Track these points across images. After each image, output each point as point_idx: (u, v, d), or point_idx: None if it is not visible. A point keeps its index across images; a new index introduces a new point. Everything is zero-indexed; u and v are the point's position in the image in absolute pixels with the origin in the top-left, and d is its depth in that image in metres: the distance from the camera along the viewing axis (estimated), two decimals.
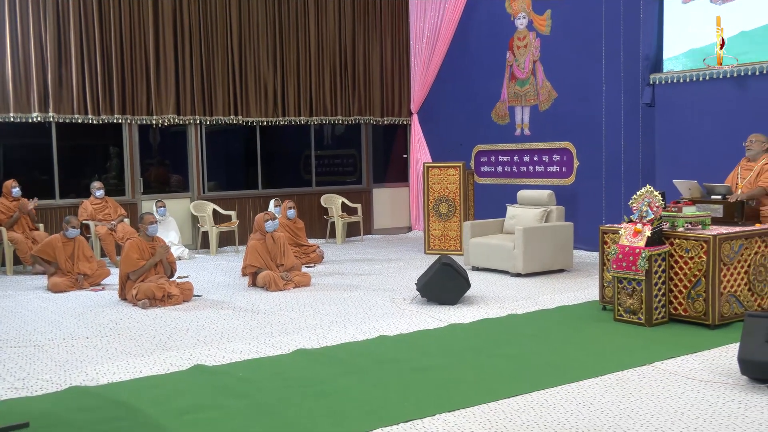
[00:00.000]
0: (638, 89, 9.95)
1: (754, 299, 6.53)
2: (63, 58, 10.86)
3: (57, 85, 10.80)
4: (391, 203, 14.19)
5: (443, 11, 12.94)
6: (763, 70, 8.56)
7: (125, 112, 11.34)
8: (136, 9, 11.33)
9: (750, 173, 7.34)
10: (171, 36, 11.63)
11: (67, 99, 10.90)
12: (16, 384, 5.07)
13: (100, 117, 11.12)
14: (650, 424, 4.11)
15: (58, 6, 10.79)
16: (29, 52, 10.60)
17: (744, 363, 4.76)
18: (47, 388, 4.98)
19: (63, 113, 10.87)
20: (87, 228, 10.49)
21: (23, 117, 10.58)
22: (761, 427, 4.05)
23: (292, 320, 6.92)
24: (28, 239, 9.91)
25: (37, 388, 4.98)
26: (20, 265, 10.14)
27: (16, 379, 5.20)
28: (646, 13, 9.73)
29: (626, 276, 6.43)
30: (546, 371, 5.14)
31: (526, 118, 11.83)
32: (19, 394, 4.87)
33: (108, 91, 11.18)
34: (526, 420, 4.21)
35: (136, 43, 11.37)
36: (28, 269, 10.02)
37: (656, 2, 9.67)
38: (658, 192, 6.51)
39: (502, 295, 7.95)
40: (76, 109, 10.95)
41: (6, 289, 8.90)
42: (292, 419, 4.31)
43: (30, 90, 10.64)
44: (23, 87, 10.60)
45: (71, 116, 10.93)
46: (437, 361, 5.44)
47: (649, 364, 5.27)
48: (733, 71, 8.77)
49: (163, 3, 11.53)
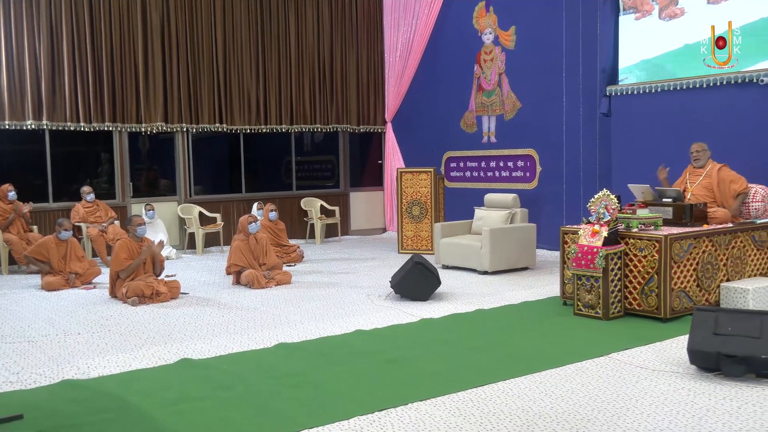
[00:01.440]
0: (596, 100, 10.02)
1: (702, 294, 6.60)
2: (56, 69, 10.76)
3: (50, 94, 10.70)
4: (367, 206, 14.18)
5: (415, 27, 12.98)
6: (703, 84, 8.68)
7: (115, 120, 11.26)
8: (125, 22, 11.25)
9: (699, 178, 7.42)
10: (159, 48, 11.56)
11: (59, 107, 10.80)
12: (11, 378, 5.00)
13: (91, 125, 11.02)
14: (607, 411, 4.14)
15: (52, 19, 10.69)
16: (24, 62, 10.50)
17: (693, 353, 4.80)
18: (41, 381, 4.92)
19: (56, 121, 10.77)
20: (79, 229, 10.43)
21: (18, 125, 10.49)
22: (708, 412, 4.10)
23: (273, 316, 6.90)
24: (22, 240, 9.83)
25: (31, 381, 4.92)
26: (15, 264, 10.03)
27: (11, 373, 5.13)
28: (602, 29, 9.82)
29: (585, 273, 6.47)
30: (511, 362, 5.16)
31: (492, 126, 11.88)
32: (14, 387, 4.81)
33: (99, 100, 11.09)
34: (493, 407, 4.22)
35: (126, 55, 11.29)
36: (23, 269, 9.90)
37: (612, 19, 9.75)
38: (614, 195, 6.55)
39: (470, 291, 7.97)
40: (69, 117, 10.85)
41: (1, 287, 8.78)
42: (273, 409, 4.29)
43: (24, 99, 10.54)
44: (18, 96, 10.50)
45: (64, 124, 10.83)
46: (410, 353, 5.44)
47: (606, 355, 5.31)
48: (681, 84, 8.87)
49: (152, 17, 11.47)
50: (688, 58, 8.76)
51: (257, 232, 8.86)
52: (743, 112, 8.34)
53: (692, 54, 8.71)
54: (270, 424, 4.02)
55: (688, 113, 8.87)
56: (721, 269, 6.74)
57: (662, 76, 9.17)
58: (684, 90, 8.91)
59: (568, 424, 3.95)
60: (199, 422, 4.08)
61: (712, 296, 6.68)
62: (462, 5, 12.22)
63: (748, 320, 4.73)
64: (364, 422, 4.02)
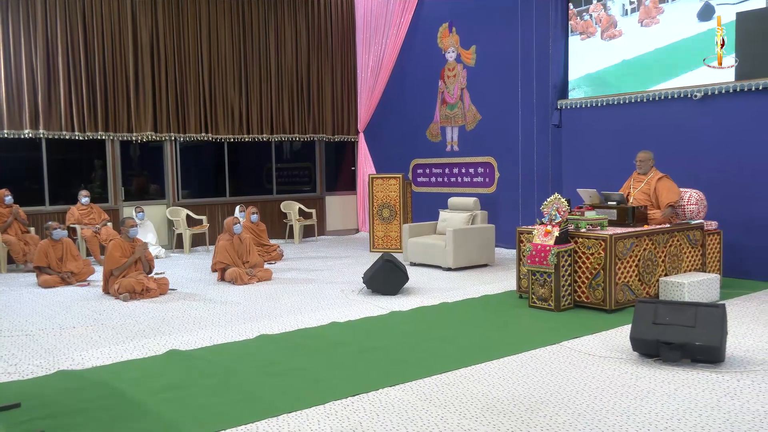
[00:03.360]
0: (548, 113, 10.12)
1: (643, 288, 6.68)
2: (52, 82, 10.59)
3: (47, 105, 10.53)
4: (341, 208, 14.15)
5: (385, 45, 12.99)
6: (643, 99, 8.82)
7: (108, 130, 11.11)
8: (117, 39, 11.11)
9: (641, 184, 7.50)
10: (148, 62, 11.44)
11: (55, 118, 10.62)
12: (9, 369, 4.90)
13: (85, 134, 10.86)
14: (559, 394, 4.18)
15: (48, 35, 10.52)
16: (21, 76, 10.32)
17: (635, 341, 4.86)
18: (37, 372, 4.82)
19: (52, 130, 10.59)
20: (74, 231, 10.28)
21: (16, 133, 10.31)
22: (649, 394, 4.15)
23: (255, 310, 6.84)
24: (20, 241, 9.71)
25: (28, 372, 4.82)
26: (13, 263, 9.84)
27: (9, 364, 5.02)
28: (553, 49, 9.92)
29: (539, 269, 6.52)
30: (472, 350, 5.18)
31: (455, 136, 11.93)
32: (12, 378, 4.71)
33: (93, 111, 10.94)
34: (456, 392, 4.24)
35: (118, 69, 11.14)
36: (21, 267, 9.71)
37: (562, 40, 9.85)
38: (564, 199, 6.61)
39: (435, 286, 7.99)
40: (64, 127, 10.68)
41: (0, 285, 8.60)
42: (254, 395, 4.25)
43: (22, 109, 10.36)
44: (16, 107, 10.32)
45: (59, 133, 10.65)
46: (380, 343, 5.44)
47: (558, 343, 5.35)
48: (623, 99, 9.00)
49: (142, 34, 11.34)
50: (625, 71, 9.04)
51: (241, 232, 8.82)
52: (678, 123, 8.48)
53: (629, 67, 8.98)
54: (252, 409, 3.99)
55: (629, 125, 8.99)
56: (660, 265, 6.83)
57: (604, 87, 9.34)
58: (626, 104, 9.04)
59: (523, 406, 3.97)
60: (186, 408, 4.03)
61: (652, 289, 6.76)
62: (427, 26, 12.26)
63: (684, 311, 4.80)
64: (339, 406, 4.00)
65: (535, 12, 10.19)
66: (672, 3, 8.43)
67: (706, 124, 8.22)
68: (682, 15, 8.29)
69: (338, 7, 13.75)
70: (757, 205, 7.78)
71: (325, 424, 3.74)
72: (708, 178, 8.00)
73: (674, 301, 4.97)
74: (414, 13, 12.46)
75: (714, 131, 8.16)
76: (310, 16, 13.36)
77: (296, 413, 3.91)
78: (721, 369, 4.60)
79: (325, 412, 3.93)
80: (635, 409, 3.89)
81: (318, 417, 3.85)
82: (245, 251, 8.73)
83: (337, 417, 3.85)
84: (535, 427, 3.65)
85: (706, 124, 8.23)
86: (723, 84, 8.00)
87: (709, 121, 8.20)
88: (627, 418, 3.75)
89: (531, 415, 3.82)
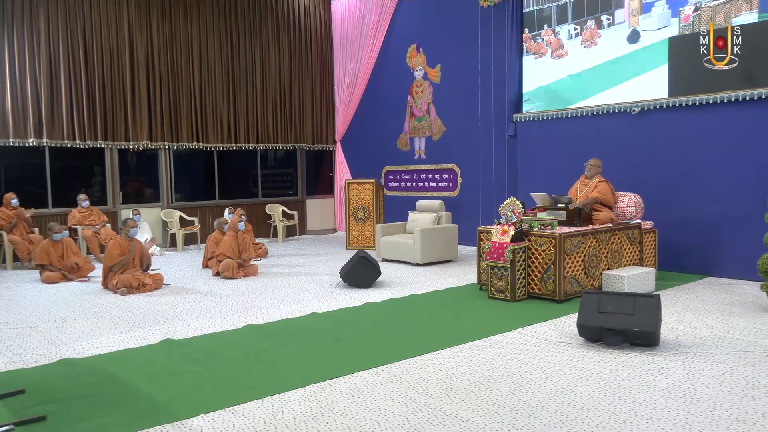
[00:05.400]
0: (505, 125, 10.18)
1: (589, 280, 6.75)
2: (54, 95, 10.39)
3: (49, 116, 10.33)
4: (321, 210, 14.10)
5: (359, 64, 12.98)
6: (588, 113, 8.93)
7: (107, 139, 10.94)
8: (115, 55, 10.96)
9: (586, 188, 7.60)
10: (144, 77, 11.28)
11: (58, 127, 10.43)
12: (14, 358, 4.79)
13: (86, 142, 10.68)
14: (514, 374, 4.21)
15: (50, 52, 10.34)
16: (26, 89, 10.12)
17: (581, 328, 4.90)
18: (40, 361, 4.72)
19: (54, 139, 10.40)
20: (75, 231, 10.09)
21: (21, 142, 10.11)
22: (593, 374, 4.20)
23: (242, 302, 6.79)
24: (25, 241, 9.50)
25: (32, 361, 4.72)
26: (18, 261, 9.63)
27: (14, 354, 4.91)
28: (509, 68, 10.00)
29: (497, 264, 6.56)
30: (437, 337, 5.19)
31: (422, 145, 11.96)
32: (17, 366, 4.60)
33: (92, 122, 10.76)
34: (423, 375, 4.25)
35: (116, 83, 10.97)
36: (25, 265, 9.51)
37: (517, 60, 9.94)
38: (519, 202, 6.65)
39: (405, 280, 8.00)
40: (66, 136, 10.49)
41: (6, 281, 8.40)
42: (241, 379, 4.22)
43: (27, 120, 10.15)
44: (21, 118, 10.11)
45: (62, 142, 10.46)
46: (356, 331, 5.43)
47: (514, 330, 5.38)
48: (570, 113, 9.11)
49: (138, 51, 11.19)
50: (570, 83, 9.25)
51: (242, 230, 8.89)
52: (619, 135, 8.60)
53: (573, 81, 9.20)
54: (239, 392, 3.95)
55: (576, 136, 9.10)
56: (603, 260, 6.90)
57: (553, 98, 9.48)
58: (573, 117, 9.15)
59: (483, 386, 4.00)
60: (179, 392, 3.98)
61: (596, 282, 6.84)
62: (397, 47, 12.28)
63: (624, 301, 4.85)
64: (317, 389, 3.99)
65: (493, 35, 10.27)
66: (607, 29, 8.74)
67: (643, 135, 8.35)
68: (615, 39, 8.64)
69: (317, 29, 13.71)
70: (688, 206, 7.92)
71: (305, 405, 3.72)
72: (645, 182, 8.13)
73: (616, 292, 5.03)
74: (385, 35, 12.47)
75: (650, 141, 8.29)
76: (292, 37, 13.31)
77: (279, 395, 3.88)
78: (657, 352, 4.68)
79: (306, 393, 3.92)
80: (581, 388, 3.93)
81: (299, 398, 3.83)
82: (245, 247, 8.71)
83: (316, 398, 3.83)
84: (493, 404, 3.68)
85: (643, 135, 8.36)
86: (658, 100, 8.15)
87: (645, 133, 8.33)
88: (574, 396, 3.80)
89: (490, 394, 3.84)
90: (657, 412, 3.53)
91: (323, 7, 13.80)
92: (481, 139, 10.68)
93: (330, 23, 13.88)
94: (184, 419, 3.54)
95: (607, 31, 8.73)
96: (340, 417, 3.53)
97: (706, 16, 7.67)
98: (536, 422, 3.41)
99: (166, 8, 11.57)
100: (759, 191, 7.10)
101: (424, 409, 3.62)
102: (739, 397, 3.74)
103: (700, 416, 3.47)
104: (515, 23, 9.86)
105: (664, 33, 8.04)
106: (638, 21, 8.33)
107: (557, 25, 9.35)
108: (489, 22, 10.31)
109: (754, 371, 4.20)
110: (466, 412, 3.58)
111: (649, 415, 3.49)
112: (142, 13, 11.26)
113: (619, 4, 8.57)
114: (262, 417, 3.56)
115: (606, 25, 8.73)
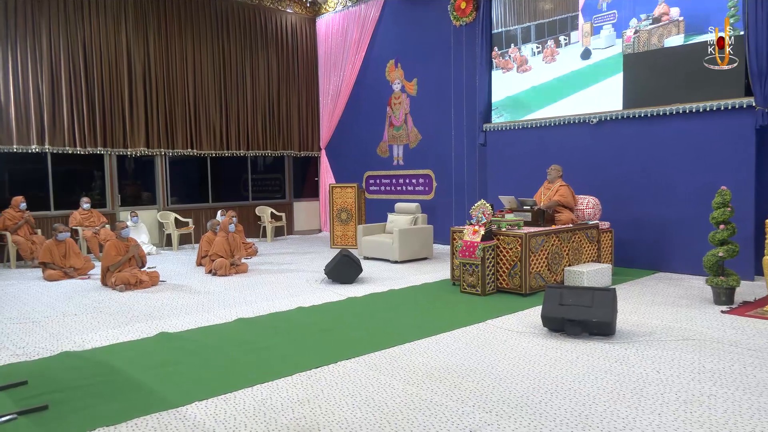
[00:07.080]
0: (475, 134, 10.24)
1: (552, 276, 6.80)
2: (56, 103, 10.21)
3: (51, 124, 10.15)
4: (307, 212, 14.05)
5: (343, 77, 12.96)
6: (551, 123, 9.03)
7: (106, 146, 10.77)
8: (114, 66, 10.80)
9: (549, 192, 7.68)
10: (141, 88, 11.14)
11: (59, 134, 10.24)
12: (18, 351, 4.70)
13: (86, 149, 10.51)
14: (484, 362, 4.23)
15: (52, 62, 10.16)
16: (29, 98, 9.93)
17: (545, 319, 4.93)
18: (43, 353, 4.63)
19: (56, 146, 10.21)
20: (76, 232, 9.93)
21: (24, 148, 9.91)
22: (556, 362, 4.23)
23: (234, 297, 6.73)
24: (28, 241, 9.33)
25: (35, 354, 4.62)
26: (22, 260, 9.44)
27: (18, 347, 4.81)
28: (480, 82, 10.05)
29: (468, 262, 6.58)
30: (414, 328, 5.20)
31: (400, 152, 11.98)
32: (20, 359, 4.51)
33: (92, 129, 10.59)
34: (402, 363, 4.25)
35: (115, 93, 10.82)
36: (28, 264, 9.33)
37: (487, 75, 10.00)
38: (489, 204, 6.68)
39: (385, 276, 8.00)
40: (67, 143, 10.31)
41: (10, 279, 8.24)
42: (232, 369, 4.18)
43: (30, 128, 9.95)
44: (24, 125, 9.92)
45: (63, 148, 10.28)
46: (339, 324, 5.42)
47: (483, 321, 5.41)
48: (535, 123, 9.20)
49: (135, 62, 11.05)
50: (533, 94, 9.42)
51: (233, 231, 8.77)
52: (579, 143, 8.70)
53: (536, 91, 9.38)
54: (231, 381, 3.92)
55: (540, 144, 9.18)
56: (565, 257, 6.96)
57: (518, 106, 9.59)
58: (538, 127, 9.23)
59: (456, 373, 4.01)
60: (175, 382, 3.93)
61: (559, 277, 6.89)
62: (377, 62, 12.28)
63: (584, 294, 4.89)
64: (303, 377, 3.97)
65: (465, 52, 10.33)
66: (564, 48, 8.98)
67: (601, 143, 8.46)
68: (571, 56, 8.92)
69: (303, 44, 13.67)
70: (641, 208, 8.03)
71: (292, 393, 3.70)
72: (602, 186, 8.22)
73: (576, 286, 5.07)
74: (366, 51, 12.47)
75: (607, 149, 8.39)
76: (280, 51, 13.24)
77: (267, 384, 3.86)
78: (613, 341, 4.73)
79: (292, 382, 3.89)
80: (545, 374, 3.96)
81: (286, 387, 3.81)
82: (236, 246, 8.62)
83: (302, 386, 3.81)
84: (465, 390, 3.69)
85: (600, 143, 8.46)
86: (614, 112, 8.27)
87: (603, 141, 8.44)
88: (539, 381, 3.82)
89: (462, 381, 3.86)
90: (613, 395, 3.57)
91: (309, 25, 13.76)
92: (454, 147, 10.72)
93: (315, 39, 13.84)
94: (179, 407, 3.50)
95: (564, 49, 8.97)
96: (324, 403, 3.52)
97: (644, 37, 7.97)
98: (504, 406, 3.43)
99: (162, 23, 11.44)
100: (705, 194, 7.22)
101: (401, 395, 3.62)
102: (686, 381, 3.80)
103: (652, 398, 3.51)
104: (485, 41, 9.92)
105: (611, 51, 8.36)
106: (590, 41, 8.63)
107: (522, 44, 9.49)
108: (461, 41, 10.37)
109: (701, 357, 4.27)
110: (440, 397, 3.59)
111: (606, 398, 3.53)
112: (139, 27, 11.12)
113: (574, 27, 8.82)
114: (252, 404, 3.53)
115: (563, 44, 8.97)
